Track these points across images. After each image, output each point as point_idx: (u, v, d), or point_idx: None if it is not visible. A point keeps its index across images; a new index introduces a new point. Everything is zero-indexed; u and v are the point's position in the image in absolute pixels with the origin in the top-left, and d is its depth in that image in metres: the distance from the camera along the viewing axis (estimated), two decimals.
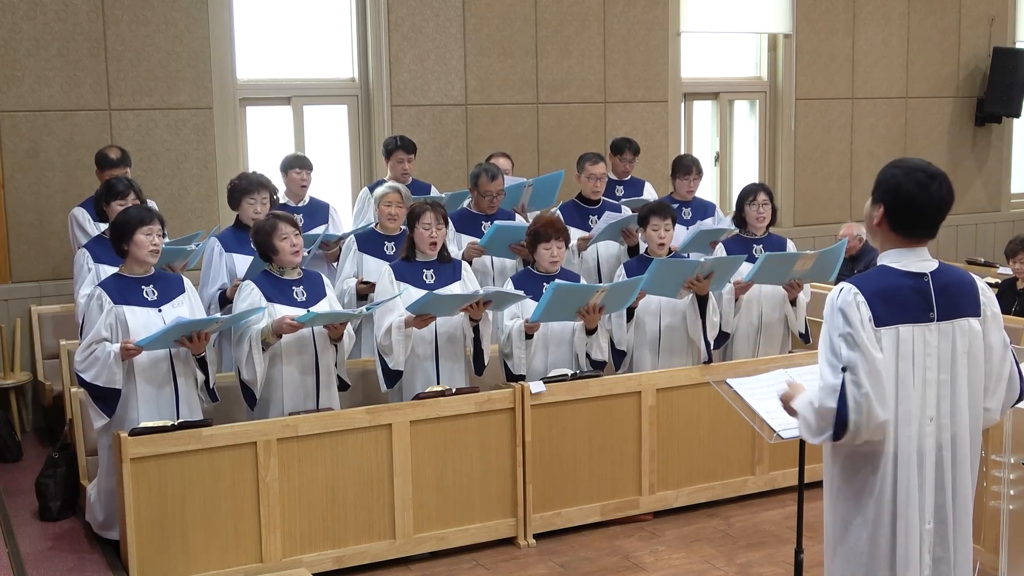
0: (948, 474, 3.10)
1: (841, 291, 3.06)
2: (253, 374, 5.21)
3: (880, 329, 3.01)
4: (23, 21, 7.38)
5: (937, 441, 3.08)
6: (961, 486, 3.13)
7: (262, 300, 5.25)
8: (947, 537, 3.12)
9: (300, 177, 6.97)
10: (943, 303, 3.08)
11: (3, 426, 6.87)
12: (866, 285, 3.05)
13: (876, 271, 3.12)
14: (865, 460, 3.09)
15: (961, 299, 3.12)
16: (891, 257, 3.12)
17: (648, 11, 9.41)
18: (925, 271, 3.10)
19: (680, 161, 7.46)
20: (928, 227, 3.10)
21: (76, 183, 7.48)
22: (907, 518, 3.06)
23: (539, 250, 5.79)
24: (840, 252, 6.32)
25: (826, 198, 10.50)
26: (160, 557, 4.84)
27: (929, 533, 3.10)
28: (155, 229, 5.13)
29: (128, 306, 5.08)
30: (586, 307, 5.50)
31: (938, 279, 3.10)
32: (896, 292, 3.05)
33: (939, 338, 3.07)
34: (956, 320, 3.10)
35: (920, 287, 3.07)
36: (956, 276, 3.15)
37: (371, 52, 8.44)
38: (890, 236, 3.12)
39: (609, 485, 5.73)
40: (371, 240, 6.28)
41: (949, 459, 3.10)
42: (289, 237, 5.28)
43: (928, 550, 3.10)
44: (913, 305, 3.05)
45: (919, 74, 10.86)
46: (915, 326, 3.05)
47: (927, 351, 3.06)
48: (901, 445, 3.04)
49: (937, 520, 3.11)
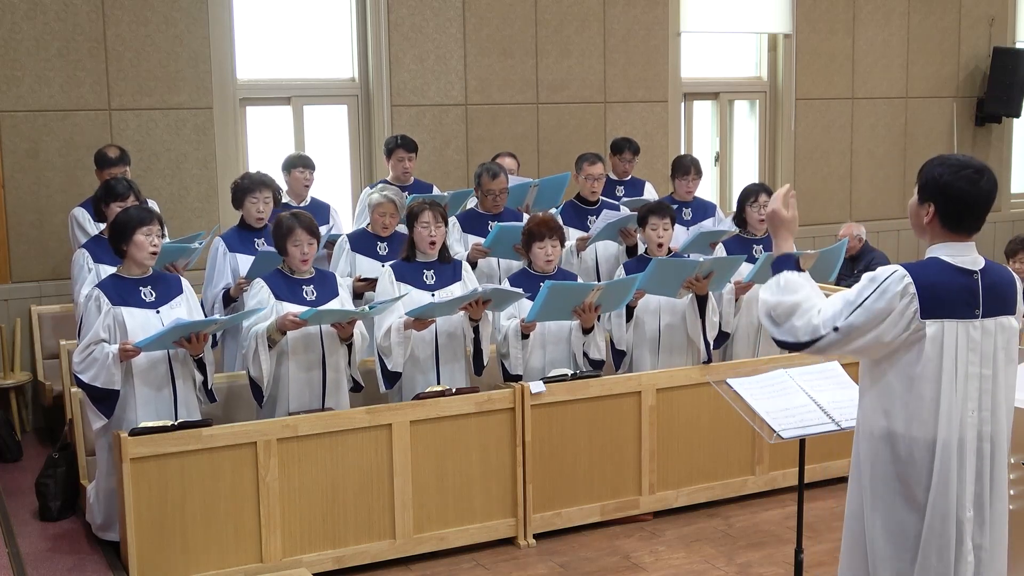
0: (987, 464, 3.17)
1: (894, 272, 3.11)
2: (259, 371, 5.21)
3: (926, 321, 3.09)
4: (23, 21, 7.38)
5: (979, 432, 3.15)
6: (999, 477, 3.20)
7: (271, 298, 5.26)
8: (984, 524, 3.18)
9: (303, 176, 6.98)
10: (988, 301, 3.15)
11: (3, 426, 6.87)
12: (919, 275, 3.11)
13: (929, 262, 3.18)
14: (897, 447, 3.16)
15: (1004, 297, 3.20)
16: (943, 250, 3.18)
17: (648, 11, 9.41)
18: (975, 268, 3.16)
19: (679, 161, 7.47)
20: (978, 220, 3.18)
21: (76, 183, 7.48)
22: (944, 507, 3.12)
23: (533, 249, 5.79)
24: (840, 252, 6.32)
25: (826, 198, 10.50)
26: (160, 557, 4.84)
27: (970, 521, 3.16)
28: (154, 230, 5.13)
29: (126, 307, 5.08)
30: (582, 306, 5.50)
31: (986, 277, 3.17)
32: (946, 287, 3.11)
33: (982, 334, 3.15)
34: (998, 318, 3.17)
35: (969, 284, 3.14)
36: (1000, 274, 3.23)
37: (371, 52, 8.44)
38: (940, 232, 3.19)
39: (609, 485, 5.73)
40: (364, 240, 6.29)
41: (989, 450, 3.17)
42: (302, 245, 5.28)
43: (970, 537, 3.16)
44: (961, 301, 3.12)
45: (919, 74, 10.86)
46: (960, 322, 3.12)
47: (970, 346, 3.13)
48: (941, 435, 3.11)
49: (976, 508, 3.17)
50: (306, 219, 5.35)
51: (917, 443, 3.13)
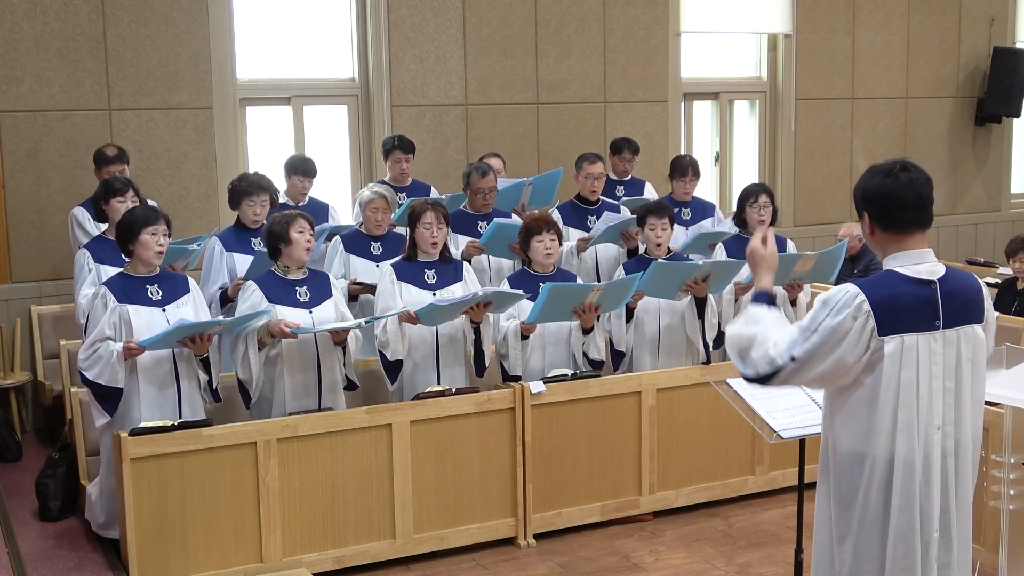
0: (952, 480, 3.08)
1: (846, 294, 3.01)
2: (248, 373, 5.22)
3: (884, 338, 2.98)
4: (23, 21, 7.38)
5: (943, 449, 3.06)
6: (963, 490, 3.11)
7: (263, 302, 5.24)
8: (950, 542, 3.10)
9: (302, 185, 6.97)
10: (949, 311, 3.05)
11: (3, 426, 6.87)
12: (873, 291, 3.00)
13: (883, 276, 3.08)
14: (855, 463, 3.06)
15: (967, 306, 3.09)
16: (898, 261, 3.07)
17: (648, 11, 9.41)
18: (933, 278, 3.05)
19: (677, 162, 7.45)
20: (916, 212, 3.05)
21: (76, 183, 7.48)
22: (908, 527, 3.02)
23: (532, 244, 5.79)
24: (840, 253, 6.32)
25: (826, 198, 10.50)
26: (160, 557, 4.84)
27: (936, 541, 3.07)
28: (160, 229, 5.14)
29: (132, 305, 5.08)
30: (582, 307, 5.50)
31: (945, 286, 3.06)
32: (902, 300, 3.00)
33: (944, 346, 3.04)
34: (961, 327, 3.07)
35: (927, 296, 3.03)
36: (963, 282, 3.11)
37: (371, 52, 8.44)
38: (886, 238, 3.09)
39: (609, 485, 5.73)
40: (357, 241, 6.28)
41: (953, 466, 3.08)
42: (305, 232, 5.30)
43: (935, 559, 3.07)
44: (919, 314, 3.01)
45: (919, 74, 10.86)
46: (920, 335, 3.01)
47: (932, 359, 3.03)
48: (899, 452, 3.01)
49: (942, 526, 3.08)
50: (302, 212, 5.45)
51: (879, 462, 3.02)
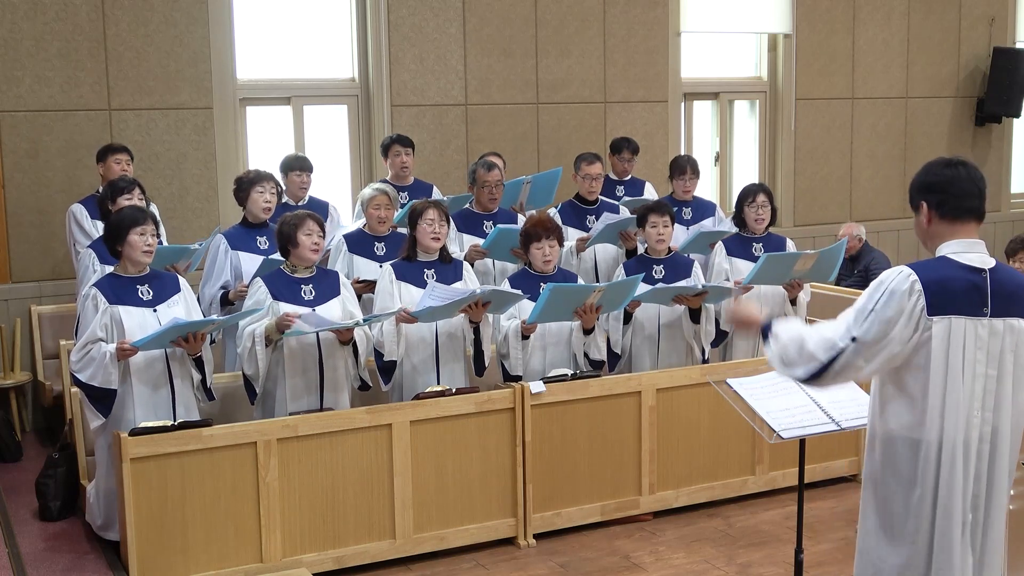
0: (986, 466, 3.17)
1: (899, 273, 3.10)
2: (255, 369, 5.23)
3: (933, 318, 3.07)
4: (23, 21, 7.38)
5: (980, 433, 3.14)
6: (998, 479, 3.19)
7: (268, 298, 5.27)
8: (978, 527, 3.19)
9: (300, 180, 6.95)
10: (998, 300, 3.13)
11: (3, 426, 6.87)
12: (925, 272, 3.10)
13: (936, 260, 3.17)
14: (910, 448, 3.14)
15: (1015, 298, 3.17)
16: (951, 247, 3.17)
17: (648, 11, 9.41)
18: (984, 267, 3.14)
19: (676, 162, 7.45)
20: (972, 200, 3.16)
21: (76, 183, 7.48)
22: (949, 507, 3.12)
23: (531, 250, 5.79)
24: (840, 252, 6.32)
25: (826, 198, 10.50)
26: (160, 557, 4.84)
27: (967, 524, 3.16)
28: (148, 229, 5.13)
29: (123, 306, 5.08)
30: (583, 307, 5.50)
31: (995, 276, 3.15)
32: (953, 284, 3.10)
33: (990, 334, 3.13)
34: (1008, 319, 3.15)
35: (977, 282, 3.12)
36: (1012, 276, 3.21)
37: (371, 52, 8.44)
38: (943, 227, 3.18)
39: (609, 485, 5.73)
40: (360, 241, 6.27)
41: (988, 452, 3.16)
42: (313, 234, 5.32)
43: (968, 539, 3.16)
44: (968, 298, 3.10)
45: (919, 74, 10.86)
46: (968, 319, 3.10)
47: (977, 344, 3.11)
48: (947, 433, 3.10)
49: (974, 509, 3.17)
50: (313, 212, 5.47)
51: (932, 446, 3.11)
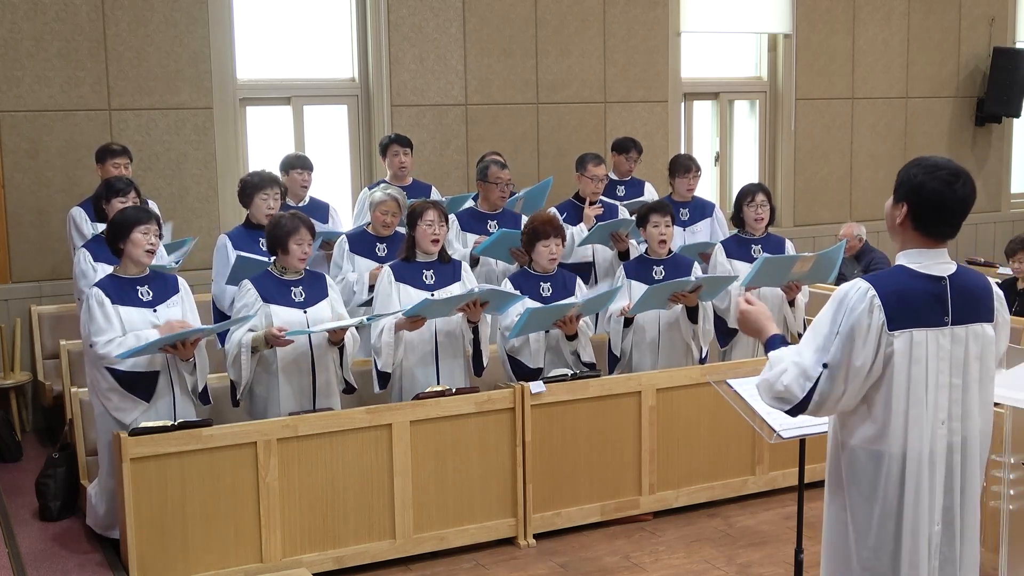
0: (957, 476, 3.10)
1: (857, 289, 3.01)
2: (239, 375, 5.25)
3: (894, 332, 2.99)
4: (23, 21, 7.38)
5: (948, 443, 3.07)
6: (970, 488, 3.12)
7: (258, 300, 5.26)
8: (954, 538, 3.12)
9: (301, 178, 6.96)
10: (959, 308, 3.05)
11: (3, 426, 6.87)
12: (883, 286, 3.01)
13: (893, 271, 3.09)
14: (872, 461, 3.07)
15: (977, 304, 3.09)
16: (910, 257, 3.08)
17: (648, 11, 9.41)
18: (943, 275, 3.06)
19: (677, 160, 7.45)
20: (951, 226, 3.05)
21: (76, 183, 7.48)
22: (915, 520, 3.05)
23: (537, 248, 5.80)
24: (839, 254, 6.31)
25: (826, 198, 10.50)
26: (160, 557, 4.84)
27: (937, 535, 3.09)
28: (152, 229, 5.13)
29: (123, 306, 5.08)
30: (563, 319, 5.54)
31: (955, 283, 3.06)
32: (912, 295, 3.01)
33: (952, 342, 3.05)
34: (970, 325, 3.07)
35: (937, 291, 3.04)
36: (973, 281, 3.11)
37: (371, 52, 8.44)
38: (912, 235, 3.08)
39: (609, 485, 5.73)
40: (362, 241, 6.28)
41: (959, 461, 3.09)
42: (303, 244, 5.31)
43: (936, 552, 3.09)
44: (929, 309, 3.02)
45: (919, 74, 10.86)
46: (929, 330, 3.02)
47: (940, 355, 3.03)
48: (911, 447, 3.03)
49: (945, 522, 3.10)
50: (307, 219, 5.42)
51: (895, 459, 3.03)
